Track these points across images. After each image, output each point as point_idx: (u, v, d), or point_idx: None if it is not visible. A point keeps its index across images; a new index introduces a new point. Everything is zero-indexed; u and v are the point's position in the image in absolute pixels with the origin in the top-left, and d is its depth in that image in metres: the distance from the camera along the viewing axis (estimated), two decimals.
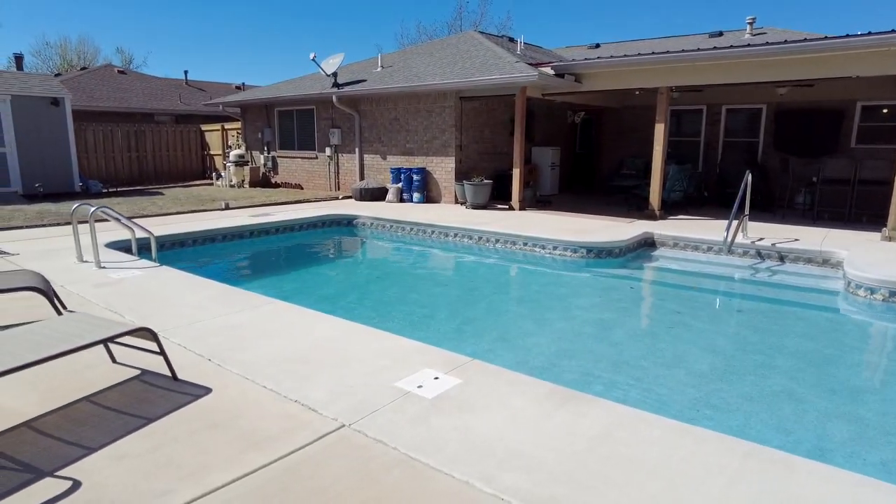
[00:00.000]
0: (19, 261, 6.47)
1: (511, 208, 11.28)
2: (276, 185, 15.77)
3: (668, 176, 10.81)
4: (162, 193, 13.80)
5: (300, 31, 69.17)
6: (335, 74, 13.65)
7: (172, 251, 8.08)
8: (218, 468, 2.46)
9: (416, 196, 12.38)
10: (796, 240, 8.09)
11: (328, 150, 14.22)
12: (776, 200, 11.07)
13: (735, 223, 7.82)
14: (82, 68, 26.12)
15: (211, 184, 16.69)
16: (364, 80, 13.30)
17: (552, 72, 10.28)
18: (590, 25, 54.80)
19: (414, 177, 12.34)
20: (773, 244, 7.81)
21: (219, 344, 3.90)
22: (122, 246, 7.44)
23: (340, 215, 10.65)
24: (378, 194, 12.87)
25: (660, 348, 5.02)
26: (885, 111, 10.95)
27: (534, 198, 11.99)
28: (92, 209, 6.13)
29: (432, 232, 9.56)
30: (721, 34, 15.54)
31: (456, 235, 9.26)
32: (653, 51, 9.77)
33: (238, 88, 24.80)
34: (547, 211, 11.10)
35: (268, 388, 3.23)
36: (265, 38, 69.03)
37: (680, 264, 8.15)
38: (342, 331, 4.20)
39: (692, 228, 9.00)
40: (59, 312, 4.15)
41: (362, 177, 13.74)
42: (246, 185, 15.60)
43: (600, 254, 7.93)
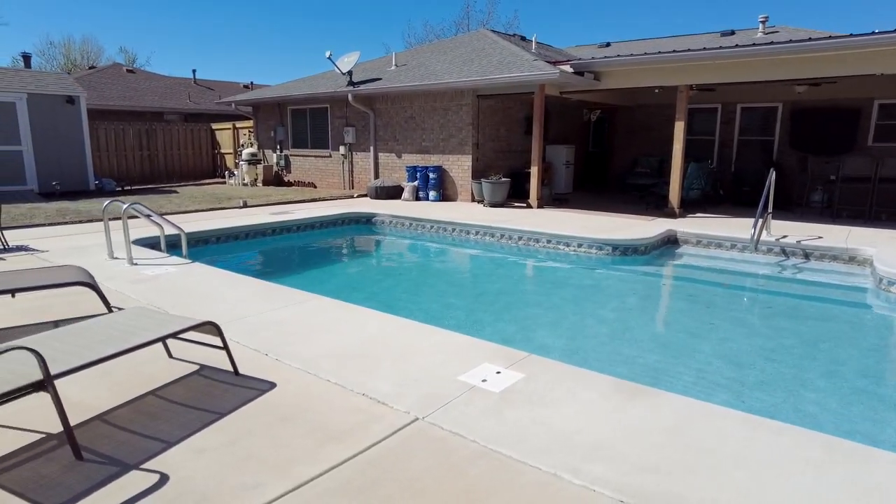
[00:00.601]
0: (50, 258, 6.46)
1: (529, 206, 11.28)
2: (289, 184, 15.76)
3: (687, 174, 10.80)
4: (176, 192, 13.79)
5: (306, 31, 69.38)
6: (350, 73, 13.64)
7: (197, 248, 8.06)
8: (302, 461, 2.45)
9: (432, 194, 12.37)
10: (820, 237, 8.09)
11: (342, 149, 14.21)
12: (794, 199, 11.08)
13: (760, 221, 7.82)
14: (91, 67, 26.10)
15: (223, 182, 16.68)
16: (379, 79, 13.29)
17: (571, 70, 10.28)
18: (594, 25, 54.91)
19: (430, 175, 12.33)
20: (798, 242, 7.81)
21: (270, 339, 3.89)
22: (149, 243, 7.41)
23: (360, 213, 10.64)
24: (393, 192, 12.87)
25: (707, 344, 5.02)
26: None
27: (550, 196, 11.99)
28: (124, 206, 6.12)
29: (454, 230, 9.56)
30: (733, 33, 15.55)
31: (478, 233, 9.26)
32: (667, 49, 9.77)
33: (246, 87, 24.78)
34: (565, 209, 11.10)
35: (331, 382, 3.23)
36: (271, 38, 69.22)
37: (706, 262, 8.15)
38: (391, 326, 4.20)
39: (713, 226, 9.01)
40: (109, 308, 4.14)
41: (377, 175, 13.73)
42: (259, 184, 15.58)
43: (626, 251, 7.93)
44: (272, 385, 3.19)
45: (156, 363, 3.46)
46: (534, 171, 11.20)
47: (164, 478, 2.32)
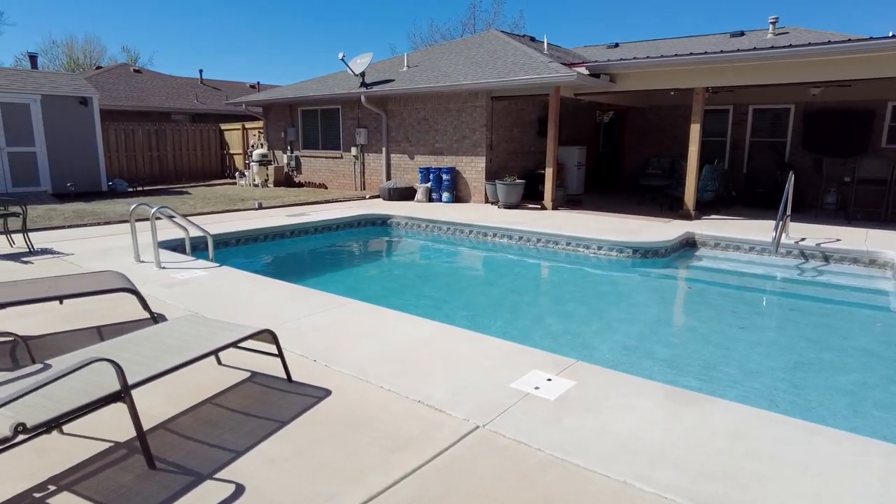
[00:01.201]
0: (77, 261, 6.48)
1: (543, 208, 11.30)
2: (300, 185, 15.77)
3: (702, 176, 10.83)
4: (189, 193, 13.80)
5: (311, 31, 69.45)
6: (363, 74, 13.65)
7: (219, 251, 8.05)
8: (374, 470, 2.48)
9: (446, 196, 12.40)
10: (838, 240, 8.12)
11: (354, 150, 14.22)
12: (807, 200, 11.12)
13: (780, 224, 7.85)
14: (97, 67, 26.07)
15: (234, 183, 16.70)
16: (392, 80, 13.31)
17: (587, 71, 10.30)
18: (598, 26, 54.91)
19: (443, 176, 12.35)
20: (818, 244, 7.84)
21: (314, 344, 3.92)
22: (170, 245, 7.44)
23: (377, 215, 10.66)
24: (406, 194, 12.89)
25: (746, 347, 5.05)
26: None
27: (564, 197, 12.01)
28: (152, 209, 6.14)
29: (471, 232, 9.58)
30: (743, 34, 15.56)
31: (495, 235, 9.28)
32: (681, 52, 9.80)
33: (252, 87, 24.78)
34: (579, 210, 11.12)
35: (385, 389, 3.25)
36: (274, 37, 69.22)
37: (726, 264, 8.17)
38: (431, 331, 4.22)
39: (730, 228, 9.03)
40: (153, 315, 4.17)
41: (389, 176, 13.75)
42: (270, 185, 15.60)
43: (647, 254, 7.96)
44: (327, 392, 3.21)
45: (206, 371, 3.48)
46: (549, 173, 11.22)
47: (241, 488, 2.35)
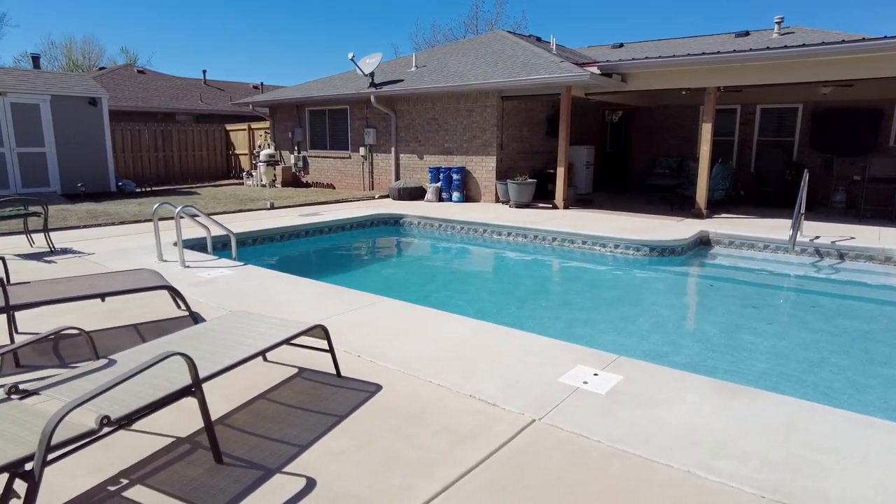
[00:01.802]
0: (99, 261, 6.48)
1: (554, 207, 11.34)
2: (307, 185, 15.78)
3: (713, 175, 10.88)
4: (198, 193, 13.79)
5: (313, 32, 69.48)
6: (372, 74, 13.67)
7: (237, 249, 8.08)
8: (441, 462, 2.50)
9: (456, 195, 12.42)
10: (852, 238, 8.18)
11: (362, 150, 14.24)
12: (817, 199, 11.19)
13: (797, 222, 7.91)
14: (100, 68, 26.00)
15: (241, 183, 16.69)
16: (401, 80, 13.33)
17: (598, 71, 10.34)
18: (599, 26, 55.03)
19: (453, 176, 12.38)
20: (833, 242, 7.89)
21: (355, 341, 3.94)
22: (188, 245, 7.42)
23: (389, 214, 10.69)
24: (416, 194, 12.91)
25: (780, 342, 5.10)
26: None
27: (574, 196, 12.06)
28: (177, 208, 6.15)
29: (486, 231, 9.61)
30: (748, 33, 15.63)
31: (510, 234, 9.32)
32: (692, 51, 9.86)
33: (255, 88, 24.76)
34: (590, 210, 11.16)
35: (434, 384, 3.28)
36: (277, 38, 69.28)
37: (742, 262, 8.22)
38: (468, 328, 4.24)
39: (741, 226, 9.09)
40: (192, 313, 4.18)
41: (398, 176, 13.77)
42: (278, 185, 15.60)
43: (664, 252, 8.01)
44: (378, 387, 3.24)
45: (254, 367, 3.50)
46: (560, 172, 11.27)
47: (312, 481, 2.37)
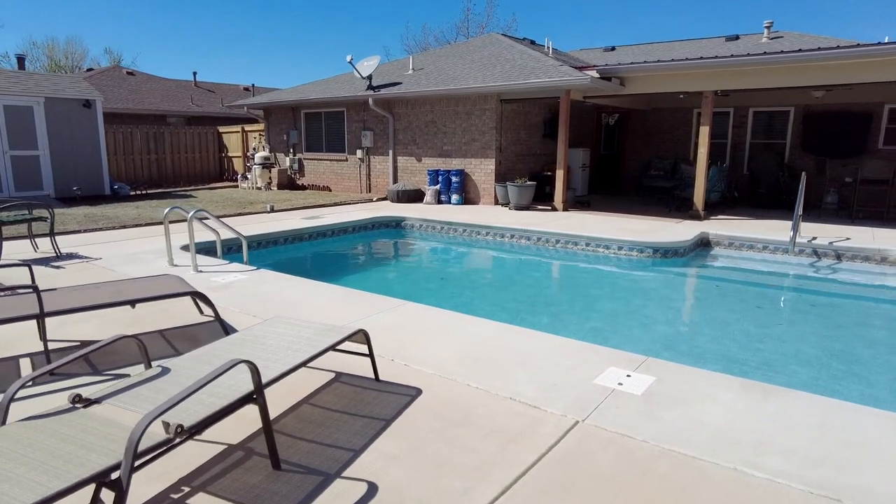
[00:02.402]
0: (108, 266, 6.42)
1: (553, 209, 11.45)
2: (303, 188, 15.72)
3: (709, 177, 11.08)
4: (194, 196, 13.68)
5: (303, 34, 69.16)
6: (370, 77, 13.68)
7: (240, 254, 8.05)
8: (494, 464, 2.55)
9: (455, 198, 12.48)
10: (848, 238, 8.40)
11: (360, 153, 14.24)
12: (809, 200, 11.43)
13: (796, 224, 8.09)
14: (88, 69, 25.62)
15: (235, 186, 16.57)
16: (399, 83, 13.36)
17: (598, 75, 10.48)
18: (588, 28, 55.50)
19: (452, 179, 12.44)
20: (830, 243, 8.10)
21: (385, 345, 3.96)
22: (196, 248, 7.39)
23: (391, 217, 10.71)
24: (414, 196, 12.94)
25: (789, 340, 5.23)
26: None
27: (573, 199, 12.18)
28: (191, 213, 6.12)
29: (488, 233, 9.68)
30: (738, 38, 15.94)
31: (514, 237, 9.40)
32: (675, 55, 10.03)
33: (246, 90, 24.59)
34: (589, 212, 11.29)
35: (472, 387, 3.32)
36: (267, 41, 68.98)
37: (744, 263, 8.39)
38: (495, 330, 4.29)
39: (739, 227, 9.28)
40: (220, 318, 4.18)
41: (396, 179, 13.79)
42: (273, 188, 15.52)
43: (666, 254, 8.14)
44: (418, 390, 3.28)
45: (292, 373, 3.51)
46: (559, 175, 11.38)
47: (373, 486, 2.40)
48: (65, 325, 4.33)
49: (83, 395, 2.28)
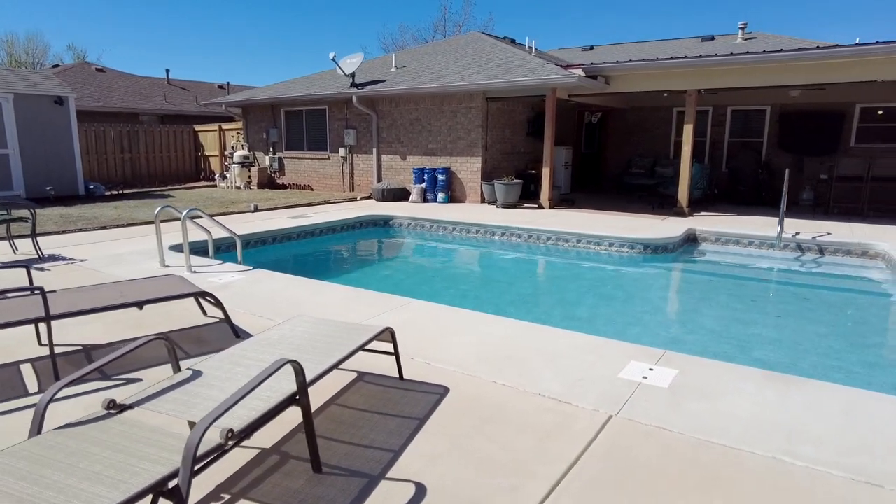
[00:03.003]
0: (95, 267, 6.18)
1: (540, 207, 11.52)
2: (284, 187, 15.46)
3: (692, 175, 11.29)
4: (172, 196, 13.30)
5: (279, 31, 68.08)
6: (353, 75, 13.52)
7: (229, 253, 7.86)
8: (536, 461, 2.53)
9: (441, 196, 12.44)
10: (828, 233, 8.66)
11: (342, 151, 14.06)
12: (786, 197, 11.75)
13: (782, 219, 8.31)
14: (53, 66, 24.69)
15: (213, 185, 16.18)
16: (383, 81, 13.25)
17: (584, 74, 10.57)
18: (561, 28, 56.02)
19: (438, 177, 12.39)
20: (813, 238, 8.34)
21: (404, 343, 3.89)
22: (180, 248, 7.18)
23: (378, 216, 10.60)
24: (399, 195, 12.86)
25: (800, 333, 5.35)
26: (881, 112, 11.83)
27: (558, 197, 12.27)
28: (184, 212, 5.94)
29: (478, 231, 9.67)
30: (713, 38, 16.32)
31: (504, 234, 9.41)
32: (653, 54, 10.21)
33: (221, 88, 24.04)
34: (575, 209, 11.39)
35: (498, 384, 3.30)
36: (242, 38, 67.71)
37: (731, 258, 8.56)
38: (509, 328, 4.28)
39: (723, 224, 9.49)
40: (229, 320, 4.06)
41: (380, 178, 13.67)
42: (253, 187, 15.21)
43: (656, 250, 8.26)
44: (445, 389, 3.23)
45: None
46: (546, 173, 11.45)
47: (421, 487, 2.35)
48: (65, 329, 4.14)
49: (117, 401, 2.17)
